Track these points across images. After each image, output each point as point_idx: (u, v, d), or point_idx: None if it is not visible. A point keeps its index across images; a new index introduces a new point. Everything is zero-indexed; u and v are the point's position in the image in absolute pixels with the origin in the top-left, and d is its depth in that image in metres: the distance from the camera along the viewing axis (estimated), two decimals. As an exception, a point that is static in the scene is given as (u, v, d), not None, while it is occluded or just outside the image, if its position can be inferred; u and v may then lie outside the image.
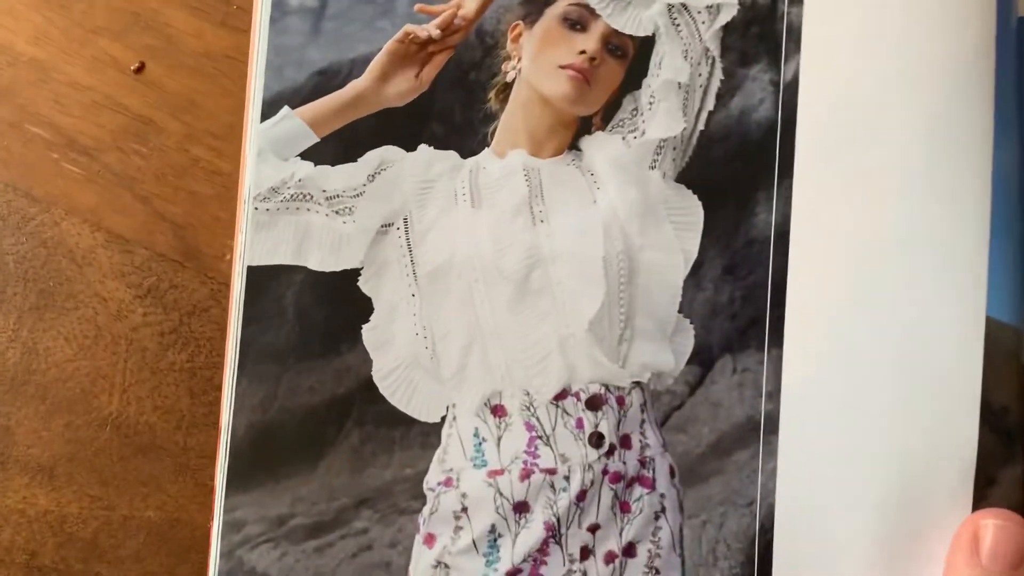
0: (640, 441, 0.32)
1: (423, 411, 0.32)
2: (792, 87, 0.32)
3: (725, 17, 0.32)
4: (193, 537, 0.31)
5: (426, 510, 0.32)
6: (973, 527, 0.30)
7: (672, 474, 0.32)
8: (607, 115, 0.33)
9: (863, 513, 0.31)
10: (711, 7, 0.32)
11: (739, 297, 0.32)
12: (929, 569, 0.30)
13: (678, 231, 0.33)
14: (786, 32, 0.32)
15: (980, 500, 0.31)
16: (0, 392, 0.32)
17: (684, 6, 0.32)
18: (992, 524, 0.30)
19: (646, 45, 0.33)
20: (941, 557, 0.30)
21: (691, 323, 0.33)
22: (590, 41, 0.33)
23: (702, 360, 0.32)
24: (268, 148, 0.33)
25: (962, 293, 0.31)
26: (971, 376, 0.31)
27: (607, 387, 0.32)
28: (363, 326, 0.32)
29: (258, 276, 0.32)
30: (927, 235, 0.31)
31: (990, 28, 0.31)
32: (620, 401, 0.32)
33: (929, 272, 0.31)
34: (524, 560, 0.31)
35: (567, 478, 0.32)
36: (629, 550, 0.32)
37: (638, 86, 0.33)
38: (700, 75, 0.32)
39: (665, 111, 0.32)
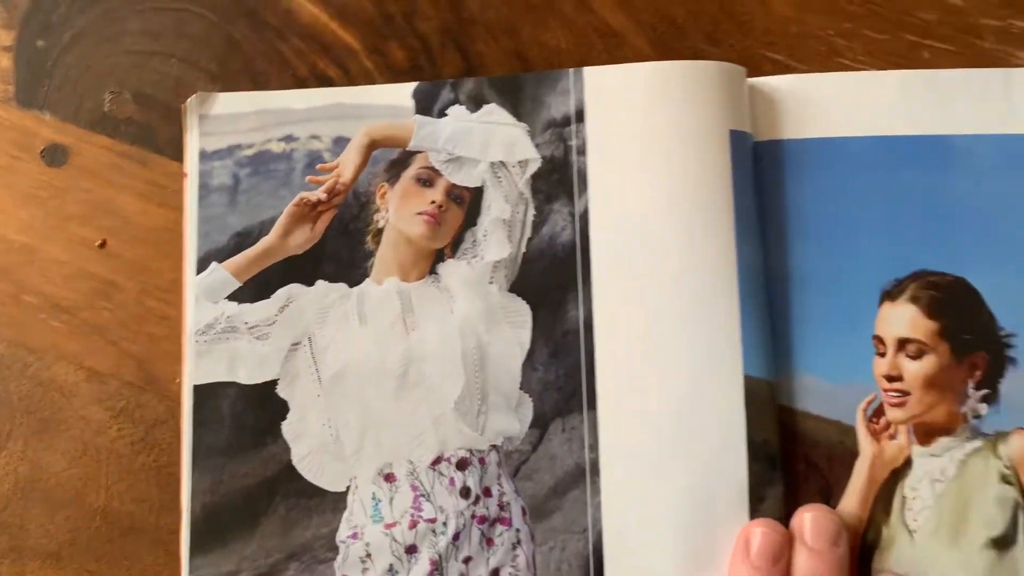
0: (498, 490, 0.43)
1: (332, 484, 0.44)
2: (585, 217, 0.44)
3: (532, 168, 0.45)
4: (167, 594, 0.43)
5: (339, 559, 0.43)
6: (746, 534, 0.41)
7: (524, 513, 0.43)
8: (454, 246, 0.45)
9: (668, 531, 0.42)
10: (521, 162, 0.44)
11: (563, 374, 0.44)
12: (720, 570, 0.41)
13: (514, 328, 0.44)
14: (577, 177, 0.44)
15: (754, 513, 0.42)
16: (16, 499, 0.44)
17: (502, 163, 0.44)
18: (759, 531, 0.41)
19: (478, 193, 0.45)
20: (728, 560, 0.41)
21: (530, 397, 0.44)
22: (437, 193, 0.45)
23: (540, 424, 0.44)
24: (203, 295, 0.45)
25: (724, 360, 0.43)
26: (737, 421, 0.42)
27: (471, 451, 0.44)
28: (282, 423, 0.44)
29: (202, 392, 0.44)
30: (692, 318, 0.43)
31: (726, 161, 0.43)
32: (481, 461, 0.44)
33: (697, 346, 0.43)
34: (416, 589, 0.43)
35: (445, 524, 0.43)
36: (495, 574, 0.43)
37: (475, 223, 0.45)
38: (519, 212, 0.45)
39: (496, 241, 0.45)
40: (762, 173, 0.45)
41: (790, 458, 0.43)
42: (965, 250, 0.45)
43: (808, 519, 0.41)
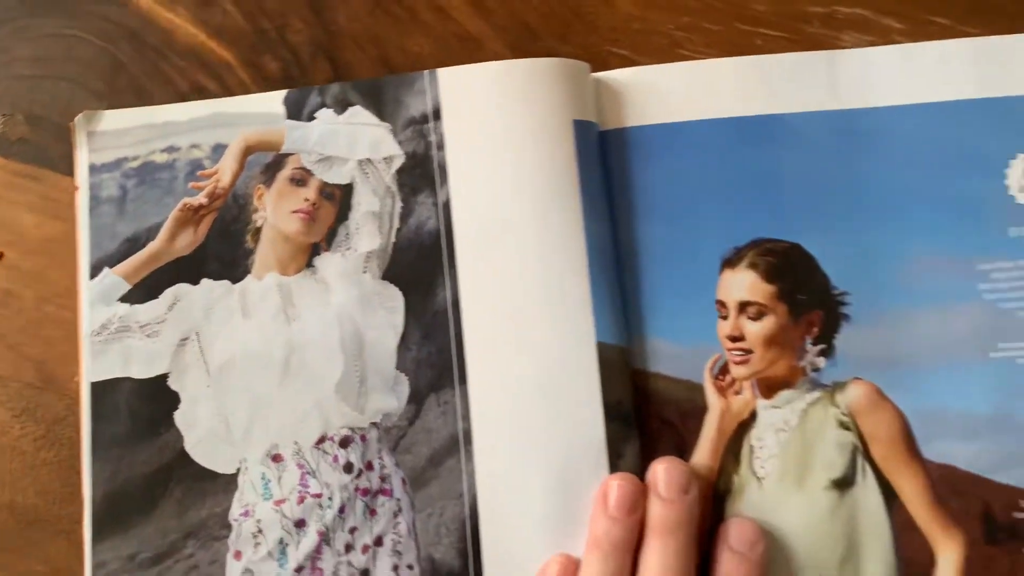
0: (379, 464, 0.47)
1: (224, 467, 0.47)
2: (447, 206, 0.48)
3: (397, 164, 0.48)
4: (72, 579, 0.46)
5: (233, 535, 0.46)
6: (604, 488, 0.44)
7: (404, 484, 0.47)
8: (329, 240, 0.49)
9: (536, 490, 0.46)
10: (387, 158, 0.48)
11: (435, 352, 0.47)
12: (585, 523, 0.45)
13: (388, 313, 0.48)
14: (438, 170, 0.48)
15: (613, 469, 0.45)
16: (-75, 498, 0.47)
17: (369, 160, 0.48)
18: (615, 484, 0.44)
19: (348, 189, 0.48)
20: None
21: (406, 375, 0.47)
22: (310, 192, 0.48)
23: (416, 400, 0.47)
24: (96, 299, 0.48)
25: (578, 329, 0.46)
26: (592, 384, 0.46)
27: (353, 429, 0.47)
28: (175, 413, 0.47)
29: (99, 389, 0.47)
30: (547, 293, 0.47)
31: (571, 148, 0.47)
32: (363, 438, 0.47)
33: (553, 318, 0.47)
34: (306, 559, 0.46)
35: (330, 498, 0.46)
36: (379, 541, 0.46)
37: (347, 218, 0.49)
38: (387, 205, 0.48)
39: (367, 233, 0.48)
40: (610, 158, 0.49)
41: (646, 416, 0.47)
42: (798, 218, 0.49)
43: (660, 471, 0.44)
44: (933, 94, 0.50)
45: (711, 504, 0.46)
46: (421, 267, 0.48)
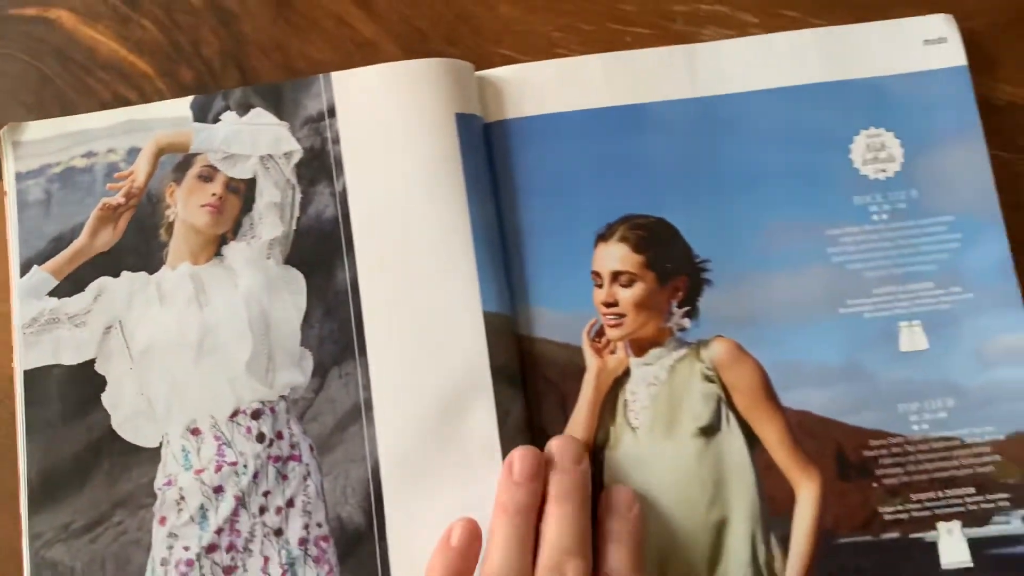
0: (288, 433, 0.51)
1: (148, 441, 0.51)
2: (344, 195, 0.53)
3: (296, 158, 0.53)
4: (11, 548, 0.50)
5: (158, 503, 0.51)
6: (511, 459, 0.47)
7: (312, 450, 0.51)
8: (235, 230, 0.53)
9: (432, 449, 0.50)
10: (286, 153, 0.53)
11: (336, 329, 0.52)
12: (481, 488, 0.49)
13: (292, 295, 0.52)
14: (334, 162, 0.53)
15: (502, 426, 0.50)
16: None
17: (270, 155, 0.53)
18: (519, 455, 0.47)
19: (252, 183, 0.53)
20: (486, 479, 0.49)
21: (310, 351, 0.52)
22: (216, 187, 0.53)
23: (321, 373, 0.52)
24: (27, 294, 0.52)
25: (465, 301, 0.51)
26: (480, 350, 0.51)
27: (263, 403, 0.51)
28: (102, 395, 0.51)
29: (32, 376, 0.52)
30: (436, 270, 0.52)
31: (454, 139, 0.52)
32: (272, 410, 0.51)
33: (442, 293, 0.51)
34: (224, 522, 0.50)
35: (245, 466, 0.51)
36: (290, 503, 0.51)
37: (251, 209, 0.53)
38: (288, 196, 0.53)
39: (270, 222, 0.53)
40: (494, 147, 0.54)
41: (532, 377, 0.52)
42: (663, 195, 0.54)
43: (556, 447, 0.48)
44: (783, 79, 0.56)
45: (591, 451, 0.51)
46: (321, 251, 0.53)
